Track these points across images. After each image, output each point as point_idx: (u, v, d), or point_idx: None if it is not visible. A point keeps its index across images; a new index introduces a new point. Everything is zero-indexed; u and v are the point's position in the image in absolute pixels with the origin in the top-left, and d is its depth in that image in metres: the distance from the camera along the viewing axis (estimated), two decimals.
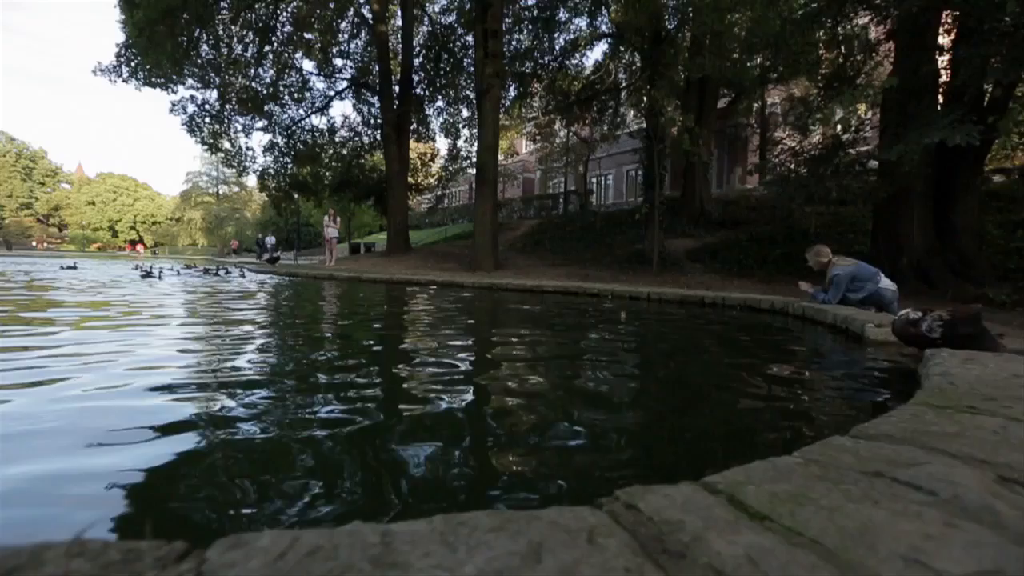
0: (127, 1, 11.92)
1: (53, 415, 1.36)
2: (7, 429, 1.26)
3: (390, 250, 16.23)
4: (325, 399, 1.66)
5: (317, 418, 1.44)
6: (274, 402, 1.60)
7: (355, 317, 4.36)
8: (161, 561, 0.42)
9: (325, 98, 19.67)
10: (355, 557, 0.40)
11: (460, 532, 0.45)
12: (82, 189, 67.26)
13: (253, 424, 1.36)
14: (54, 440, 1.20)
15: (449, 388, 1.84)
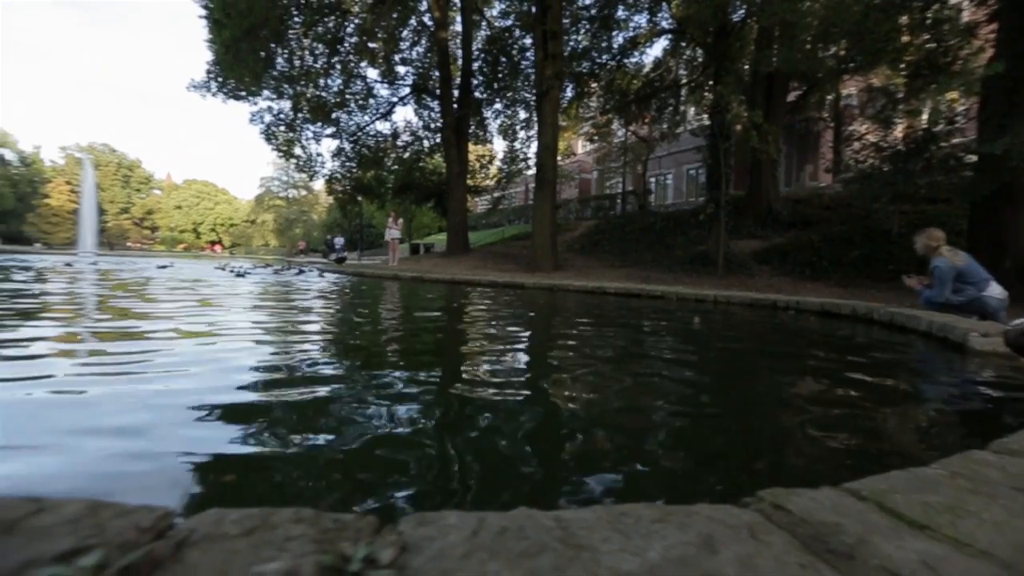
0: (215, 22, 12.92)
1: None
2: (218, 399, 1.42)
3: (450, 251, 16.61)
4: (424, 393, 1.75)
5: (418, 413, 1.52)
6: (378, 397, 1.71)
7: (432, 316, 4.51)
8: (363, 532, 0.49)
9: (388, 104, 20.41)
10: (545, 538, 0.44)
11: (626, 521, 0.48)
12: (171, 194, 73.39)
13: (335, 420, 1.46)
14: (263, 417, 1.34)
15: (534, 388, 1.89)
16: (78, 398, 1.52)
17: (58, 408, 1.43)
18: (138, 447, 1.18)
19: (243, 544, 0.44)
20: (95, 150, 68.93)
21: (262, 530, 0.47)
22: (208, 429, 1.32)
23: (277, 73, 16.88)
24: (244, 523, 0.48)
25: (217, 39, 13.30)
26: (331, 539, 0.47)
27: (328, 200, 59.79)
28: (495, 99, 20.92)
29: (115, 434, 1.24)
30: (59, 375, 1.78)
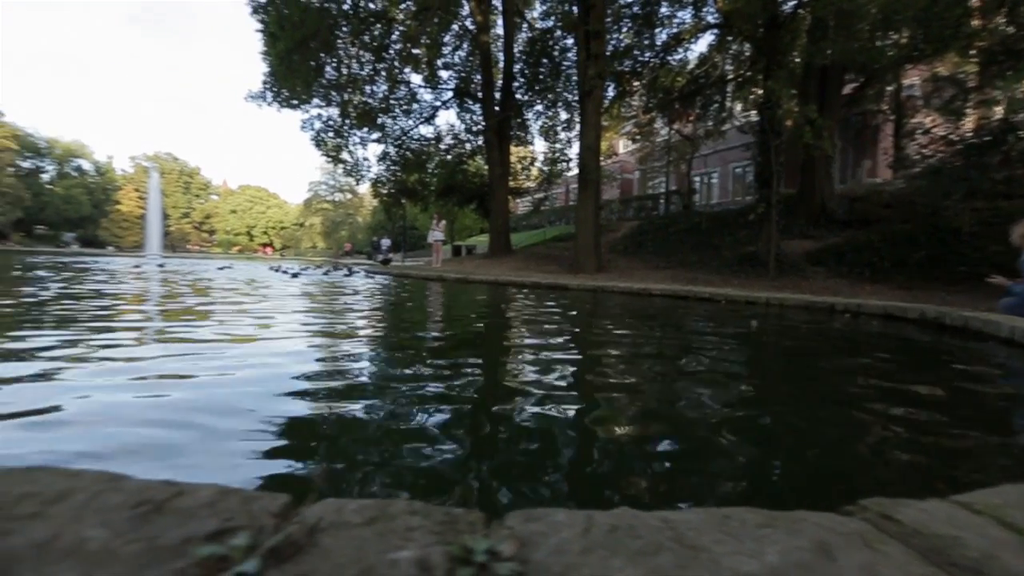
0: (271, 35, 13.54)
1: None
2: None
3: (492, 252, 16.75)
4: (482, 392, 1.78)
5: (487, 414, 1.56)
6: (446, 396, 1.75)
7: (486, 317, 4.57)
8: (475, 525, 0.51)
9: (431, 108, 20.78)
10: (658, 537, 0.45)
11: (732, 524, 0.49)
12: (227, 199, 77.34)
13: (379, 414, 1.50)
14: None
15: (597, 392, 1.89)
16: (184, 382, 1.64)
17: (166, 394, 1.55)
18: (228, 431, 1.26)
19: (368, 532, 0.47)
20: (160, 159, 73.48)
21: (382, 520, 0.50)
22: (307, 423, 1.39)
23: (326, 81, 17.49)
24: (364, 512, 0.51)
25: (272, 51, 13.92)
26: (446, 531, 0.49)
27: (372, 203, 61.55)
28: (536, 100, 20.97)
29: (213, 418, 1.33)
30: (164, 366, 1.92)
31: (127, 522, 0.49)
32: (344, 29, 16.30)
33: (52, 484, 0.58)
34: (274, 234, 75.14)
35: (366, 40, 17.75)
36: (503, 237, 17.11)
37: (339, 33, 16.10)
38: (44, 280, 6.61)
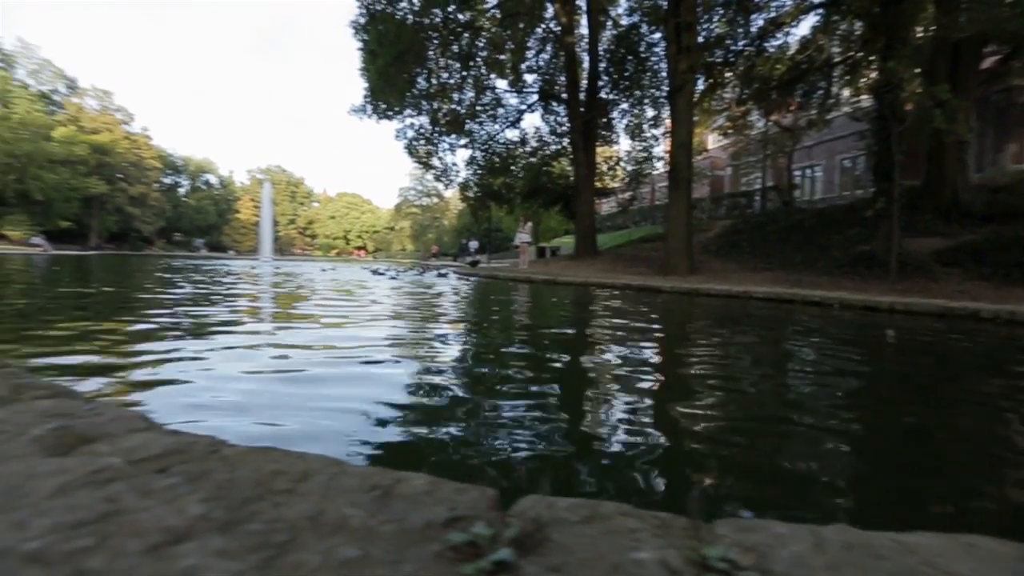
0: (370, 52, 14.50)
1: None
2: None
3: (578, 253, 16.66)
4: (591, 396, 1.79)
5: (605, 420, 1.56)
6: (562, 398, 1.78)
7: (587, 319, 4.58)
8: (688, 531, 0.52)
9: (517, 112, 21.09)
10: (908, 561, 0.43)
11: (979, 553, 0.45)
12: (326, 206, 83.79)
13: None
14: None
15: (718, 405, 1.83)
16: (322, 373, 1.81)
17: (297, 385, 1.72)
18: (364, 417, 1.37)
19: (593, 531, 0.50)
20: (271, 171, 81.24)
21: (598, 520, 0.53)
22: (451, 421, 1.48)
23: (417, 92, 18.38)
24: (577, 511, 0.54)
25: (371, 67, 14.88)
26: (665, 535, 0.50)
27: (457, 207, 63.69)
28: (622, 99, 20.56)
29: (339, 405, 1.46)
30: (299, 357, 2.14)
31: (371, 503, 0.56)
32: (434, 41, 17.04)
33: (292, 464, 0.66)
34: (367, 237, 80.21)
35: (454, 50, 18.41)
36: (589, 238, 16.95)
37: (429, 45, 16.86)
38: (214, 282, 7.55)
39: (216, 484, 0.59)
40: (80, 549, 0.44)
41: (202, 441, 0.77)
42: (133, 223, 54.46)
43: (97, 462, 0.67)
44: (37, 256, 22.04)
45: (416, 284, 8.70)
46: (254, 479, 0.61)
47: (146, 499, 0.55)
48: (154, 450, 0.71)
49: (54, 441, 0.74)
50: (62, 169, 45.30)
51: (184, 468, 0.65)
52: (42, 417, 0.83)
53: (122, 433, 0.80)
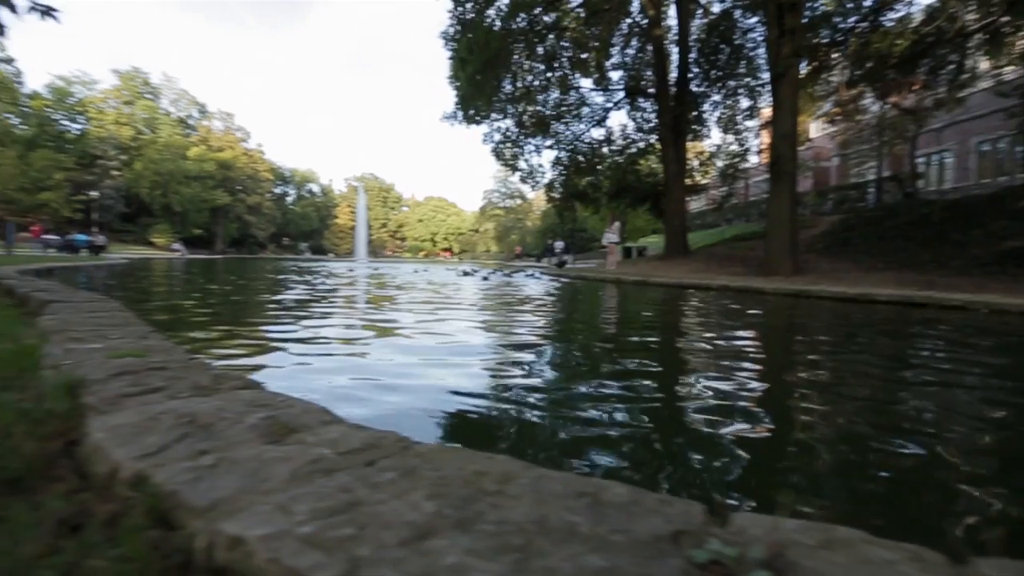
0: (459, 60, 14.98)
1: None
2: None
3: (668, 253, 16.04)
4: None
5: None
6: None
7: (690, 323, 4.41)
8: (937, 565, 0.46)
9: (603, 111, 20.74)
10: None
11: None
12: (415, 210, 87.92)
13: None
14: None
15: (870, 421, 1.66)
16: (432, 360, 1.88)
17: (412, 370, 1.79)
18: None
19: (841, 558, 0.46)
20: (365, 179, 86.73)
21: (840, 546, 0.48)
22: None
23: (503, 96, 18.69)
24: (810, 534, 0.50)
25: (461, 74, 15.37)
26: (926, 570, 0.45)
27: (540, 208, 63.99)
28: (713, 91, 19.53)
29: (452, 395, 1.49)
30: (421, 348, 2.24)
31: (587, 511, 0.56)
32: (520, 44, 17.23)
33: (488, 465, 0.68)
34: (453, 239, 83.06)
35: (539, 52, 18.49)
36: (679, 238, 16.26)
37: (514, 49, 17.06)
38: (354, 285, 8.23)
39: (429, 481, 0.62)
40: (346, 537, 0.48)
41: (389, 436, 0.82)
42: (250, 229, 60.63)
43: (311, 451, 0.73)
44: (176, 259, 25.22)
45: (509, 285, 8.82)
46: (461, 478, 0.64)
47: (376, 492, 0.59)
48: (354, 443, 0.77)
49: (267, 429, 0.83)
50: (195, 183, 51.55)
51: (389, 463, 0.69)
52: (250, 406, 0.93)
53: (316, 425, 0.87)
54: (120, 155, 49.45)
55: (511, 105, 19.14)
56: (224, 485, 0.61)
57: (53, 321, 2.15)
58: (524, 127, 19.27)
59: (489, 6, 15.11)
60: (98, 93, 52.06)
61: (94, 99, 51.42)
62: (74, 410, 0.96)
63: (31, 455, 0.79)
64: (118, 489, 0.68)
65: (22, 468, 0.75)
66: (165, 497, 0.59)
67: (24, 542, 0.58)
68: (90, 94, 51.39)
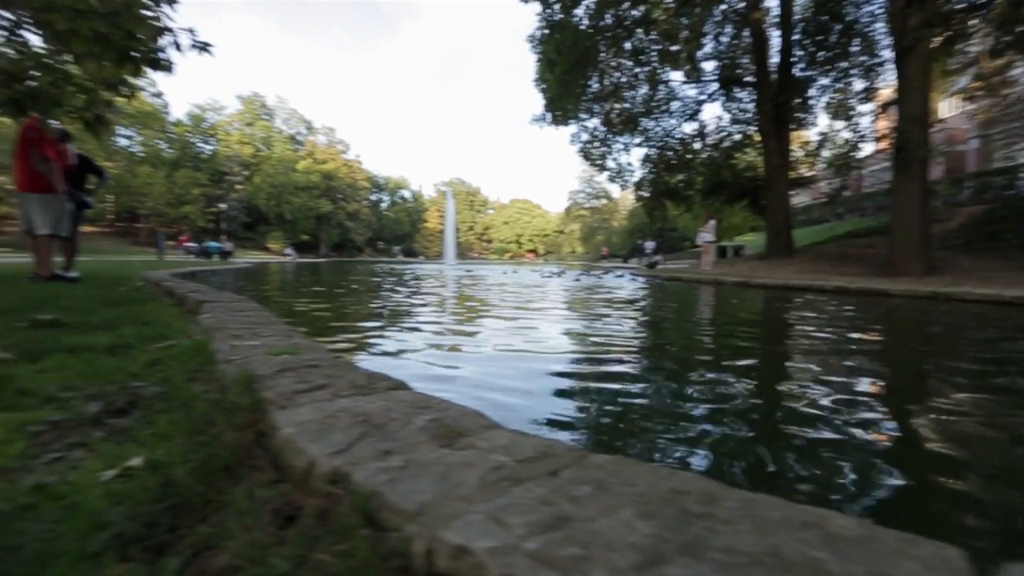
0: (547, 62, 15.01)
1: None
2: None
3: (769, 252, 14.92)
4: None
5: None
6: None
7: (814, 329, 4.06)
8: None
9: (695, 104, 19.79)
10: None
11: None
12: (500, 213, 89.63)
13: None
14: None
15: None
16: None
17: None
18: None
19: None
20: (452, 183, 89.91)
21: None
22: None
23: (590, 95, 18.43)
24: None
25: (549, 76, 15.40)
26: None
27: (627, 208, 62.46)
28: (820, 74, 17.89)
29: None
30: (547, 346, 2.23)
31: (824, 545, 0.49)
32: (607, 42, 16.89)
33: (684, 483, 0.64)
34: (538, 241, 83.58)
35: (625, 48, 18.00)
36: (783, 235, 15.05)
37: (601, 47, 16.75)
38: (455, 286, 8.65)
39: (628, 497, 0.59)
40: (577, 557, 0.46)
41: (557, 444, 0.79)
42: (349, 234, 65.26)
43: (488, 458, 0.72)
44: (288, 263, 27.73)
45: (602, 287, 8.65)
46: (660, 496, 0.59)
47: (580, 507, 0.57)
48: (527, 451, 0.75)
49: (435, 432, 0.84)
50: (303, 194, 56.50)
51: (573, 475, 0.67)
52: (413, 408, 0.95)
53: (478, 429, 0.87)
54: (243, 171, 55.44)
55: (598, 104, 18.84)
56: (421, 489, 0.62)
57: (211, 319, 2.42)
58: (612, 125, 18.88)
59: (576, 5, 14.98)
60: (225, 117, 58.77)
61: (222, 123, 58.12)
62: (256, 403, 1.05)
63: (233, 444, 0.86)
64: (315, 483, 0.72)
65: (230, 456, 0.83)
66: (370, 496, 0.61)
67: (251, 528, 0.62)
68: (219, 119, 58.13)
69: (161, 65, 2.79)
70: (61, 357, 1.59)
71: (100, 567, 0.57)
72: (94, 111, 3.54)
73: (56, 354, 1.63)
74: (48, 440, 1.00)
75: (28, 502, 0.71)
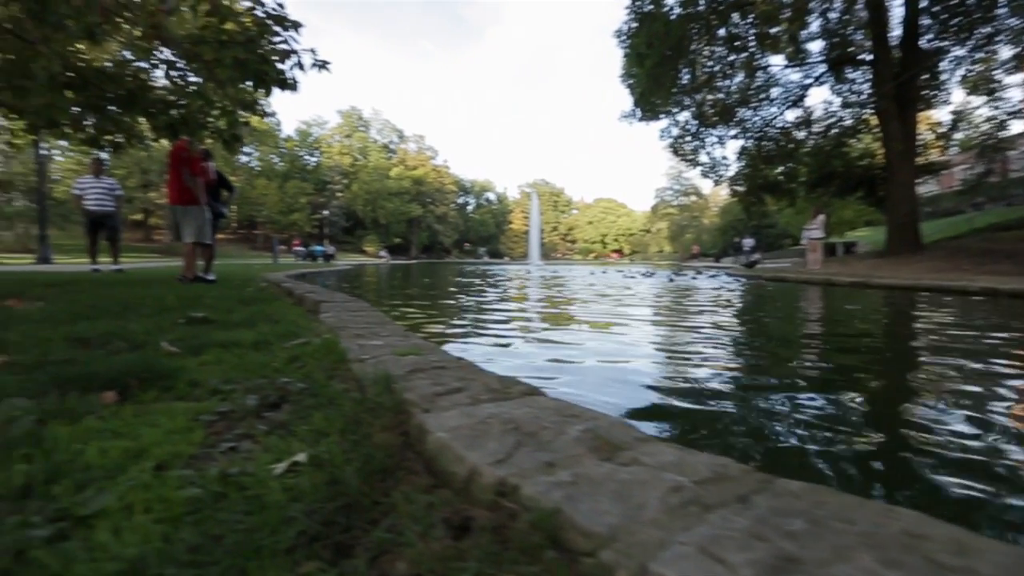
0: (636, 56, 14.55)
1: None
2: None
3: (891, 249, 13.32)
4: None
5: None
6: None
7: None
8: None
9: (800, 88, 18.22)
10: None
11: None
12: (584, 212, 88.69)
13: None
14: None
15: None
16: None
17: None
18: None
19: None
20: (536, 184, 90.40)
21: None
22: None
23: (680, 87, 17.60)
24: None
25: (639, 70, 14.93)
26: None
27: (718, 204, 59.04)
28: (955, 44, 15.66)
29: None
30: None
31: None
32: (699, 30, 16.02)
33: (917, 525, 0.54)
34: (623, 241, 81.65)
35: (719, 35, 16.97)
36: (908, 229, 13.38)
37: (693, 36, 15.92)
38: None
39: (856, 538, 0.50)
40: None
41: (730, 464, 0.72)
42: (438, 237, 67.94)
43: (662, 476, 0.66)
44: (383, 265, 29.41)
45: (699, 289, 8.22)
46: (895, 540, 0.50)
47: (801, 546, 0.49)
48: (701, 470, 0.68)
49: (592, 443, 0.79)
50: (395, 199, 59.76)
51: (771, 503, 0.59)
52: (560, 416, 0.91)
53: (633, 441, 0.82)
54: (342, 179, 59.75)
55: (690, 96, 17.96)
56: (604, 509, 0.58)
57: (332, 318, 2.57)
58: (705, 118, 17.90)
59: None
60: (327, 131, 63.68)
61: (324, 136, 63.05)
62: (399, 404, 1.07)
63: (386, 445, 0.88)
64: (479, 493, 0.70)
65: (385, 458, 0.84)
66: (551, 514, 0.58)
67: (427, 537, 0.61)
68: (322, 132, 63.14)
69: (288, 84, 3.05)
70: (217, 352, 1.75)
71: (294, 564, 0.59)
72: (232, 131, 3.96)
73: (212, 349, 1.80)
74: (220, 430, 1.09)
75: (218, 490, 0.76)
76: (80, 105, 3.72)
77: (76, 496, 0.72)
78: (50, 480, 0.76)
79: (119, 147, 4.36)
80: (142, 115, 3.80)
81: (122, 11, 3.17)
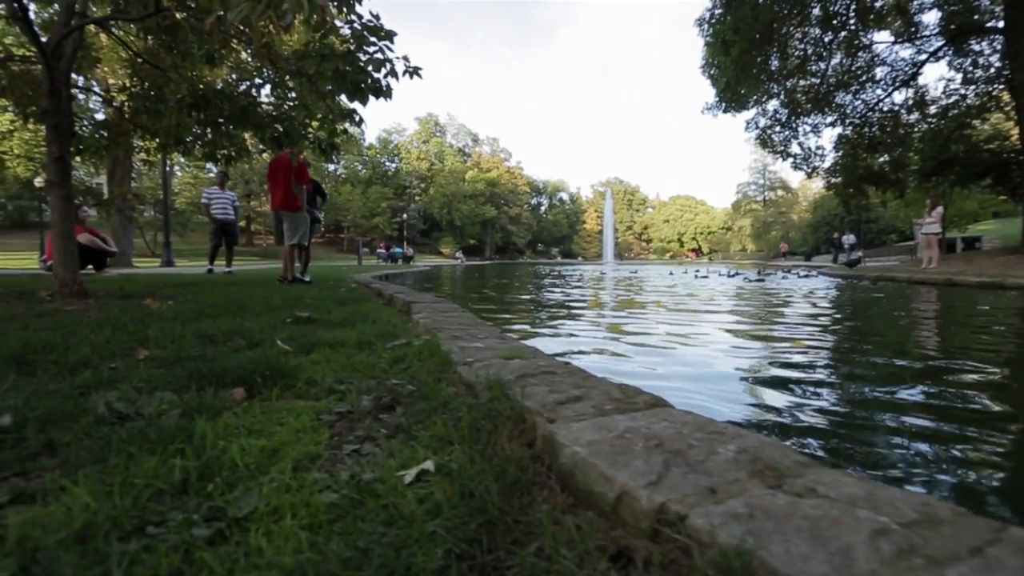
0: (721, 43, 13.78)
1: None
2: None
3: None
4: None
5: None
6: None
7: None
8: None
9: (911, 66, 16.40)
10: None
11: None
12: (660, 211, 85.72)
13: None
14: None
15: None
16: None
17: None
18: None
19: None
20: (610, 183, 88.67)
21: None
22: None
23: (770, 74, 16.45)
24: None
25: (724, 59, 14.15)
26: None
27: (809, 198, 54.68)
28: None
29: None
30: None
31: None
32: (789, 11, 14.87)
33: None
34: (702, 239, 77.94)
35: (813, 15, 15.64)
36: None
37: (783, 18, 14.80)
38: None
39: None
40: None
41: (936, 503, 0.60)
42: (511, 238, 68.62)
43: (858, 515, 0.56)
44: (458, 266, 30.17)
45: (796, 291, 7.62)
46: None
47: None
48: (908, 512, 0.57)
49: (751, 468, 0.70)
50: (470, 201, 61.10)
51: (1017, 562, 0.47)
52: (703, 432, 0.83)
53: (795, 466, 0.71)
54: (420, 183, 62.06)
55: (779, 84, 16.74)
56: (803, 554, 0.49)
57: (426, 319, 2.62)
58: (798, 105, 16.60)
59: None
60: (406, 138, 66.45)
61: (403, 143, 65.82)
62: (519, 412, 1.02)
63: (516, 458, 0.84)
64: (629, 518, 0.63)
65: (517, 472, 0.79)
66: (739, 554, 0.50)
67: (585, 567, 0.56)
68: (401, 139, 65.98)
69: (383, 92, 3.17)
70: (325, 351, 1.82)
71: None
72: (331, 140, 4.21)
73: (321, 348, 1.88)
74: (341, 431, 1.10)
75: (354, 497, 0.75)
76: (200, 123, 4.13)
77: (228, 495, 0.74)
78: (203, 477, 0.79)
79: (231, 160, 4.77)
80: (251, 129, 4.15)
81: (241, 35, 3.45)
